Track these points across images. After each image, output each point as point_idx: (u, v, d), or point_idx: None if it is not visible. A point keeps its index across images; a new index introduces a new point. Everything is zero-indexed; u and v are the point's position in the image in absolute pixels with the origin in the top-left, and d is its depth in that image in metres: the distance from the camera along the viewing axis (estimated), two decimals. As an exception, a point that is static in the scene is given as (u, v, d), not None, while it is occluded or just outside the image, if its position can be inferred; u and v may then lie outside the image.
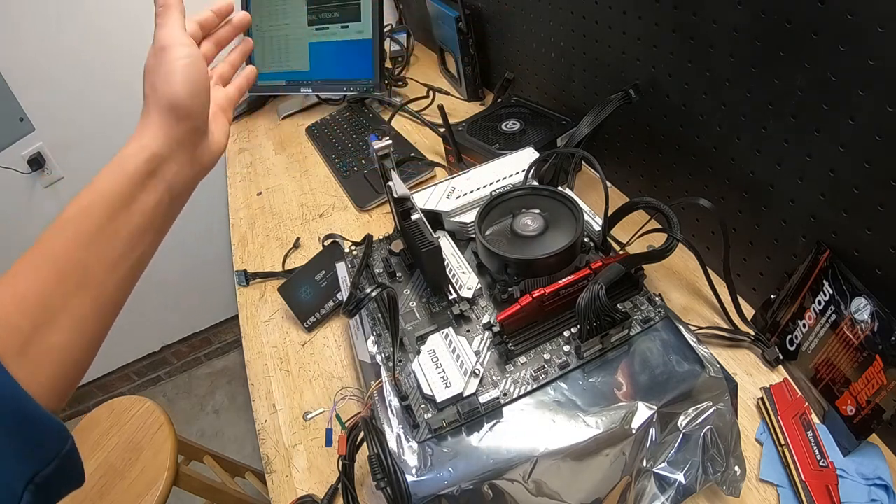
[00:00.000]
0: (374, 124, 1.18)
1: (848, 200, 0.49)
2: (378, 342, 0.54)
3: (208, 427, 1.81)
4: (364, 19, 1.21)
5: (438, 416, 0.45)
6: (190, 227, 1.66)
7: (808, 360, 0.56)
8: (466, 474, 0.42)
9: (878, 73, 0.42)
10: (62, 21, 1.25)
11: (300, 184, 1.11)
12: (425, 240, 0.51)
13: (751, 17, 0.51)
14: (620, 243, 0.61)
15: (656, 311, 0.50)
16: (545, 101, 0.98)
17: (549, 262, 0.50)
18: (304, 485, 0.60)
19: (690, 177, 0.69)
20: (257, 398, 0.71)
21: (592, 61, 0.80)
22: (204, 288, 1.79)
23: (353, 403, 0.65)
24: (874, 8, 0.40)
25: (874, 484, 0.49)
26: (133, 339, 1.81)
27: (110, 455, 1.03)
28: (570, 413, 0.45)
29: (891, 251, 0.47)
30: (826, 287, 0.53)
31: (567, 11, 0.81)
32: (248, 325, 0.82)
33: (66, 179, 1.42)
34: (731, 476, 0.46)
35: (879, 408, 0.47)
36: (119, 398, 1.13)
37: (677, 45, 0.62)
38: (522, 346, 0.49)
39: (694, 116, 0.64)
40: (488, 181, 0.64)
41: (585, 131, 0.70)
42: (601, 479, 0.44)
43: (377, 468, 0.42)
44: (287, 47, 1.34)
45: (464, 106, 1.21)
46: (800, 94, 0.49)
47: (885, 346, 0.46)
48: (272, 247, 0.96)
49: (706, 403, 0.45)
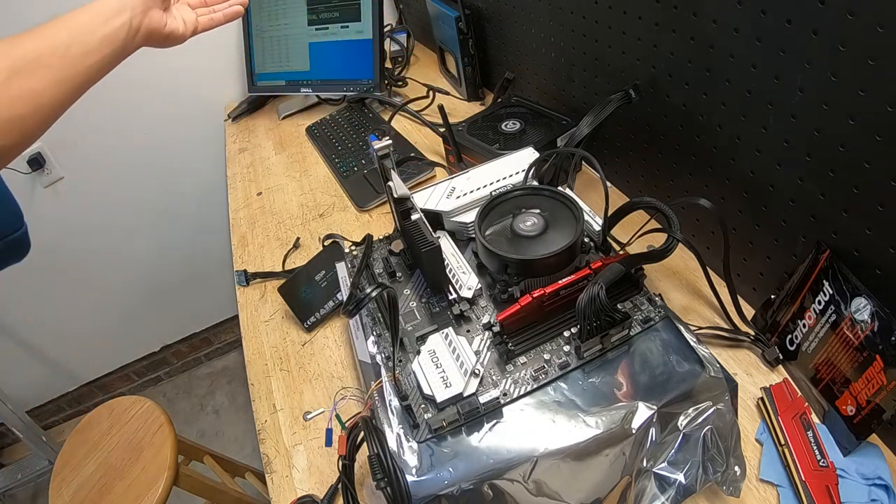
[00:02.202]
0: (374, 124, 1.18)
1: (848, 200, 0.49)
2: (378, 342, 0.54)
3: (208, 427, 1.81)
4: (364, 19, 1.21)
5: (438, 416, 0.45)
6: (190, 227, 1.66)
7: (808, 360, 0.56)
8: (466, 474, 0.42)
9: (878, 73, 0.42)
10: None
11: (300, 184, 1.11)
12: (425, 240, 0.51)
13: (751, 17, 0.51)
14: (620, 243, 0.61)
15: (656, 311, 0.50)
16: (545, 101, 0.98)
17: (549, 262, 0.50)
18: (304, 485, 0.60)
19: (690, 177, 0.69)
20: (257, 398, 0.71)
21: (592, 61, 0.80)
22: (204, 288, 1.79)
23: (353, 403, 0.65)
24: (874, 8, 0.40)
25: (874, 484, 0.49)
26: (133, 339, 1.81)
27: (110, 455, 1.03)
28: (570, 413, 0.45)
29: (891, 251, 0.47)
30: (826, 287, 0.53)
31: (567, 11, 0.81)
32: (248, 325, 0.82)
33: (66, 179, 1.42)
34: (731, 476, 0.46)
35: (879, 408, 0.47)
36: (119, 398, 1.13)
37: (677, 45, 0.62)
38: (522, 346, 0.49)
39: (694, 116, 0.64)
40: (488, 181, 0.64)
41: (585, 131, 0.70)
42: (601, 479, 0.44)
43: (377, 468, 0.42)
44: (287, 47, 1.34)
45: (464, 106, 1.21)
46: (800, 93, 0.49)
47: (885, 346, 0.46)
48: (272, 247, 0.96)
49: (706, 403, 0.45)
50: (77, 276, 1.59)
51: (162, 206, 1.59)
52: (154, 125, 1.46)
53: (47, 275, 1.54)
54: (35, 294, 1.57)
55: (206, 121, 1.49)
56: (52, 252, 1.51)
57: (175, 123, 1.48)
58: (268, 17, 1.34)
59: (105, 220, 1.53)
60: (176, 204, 1.60)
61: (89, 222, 1.52)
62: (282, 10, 1.32)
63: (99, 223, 1.53)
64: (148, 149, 1.48)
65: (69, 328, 1.67)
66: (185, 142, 1.51)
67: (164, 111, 1.44)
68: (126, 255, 1.62)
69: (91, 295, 1.64)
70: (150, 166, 1.51)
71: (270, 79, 1.37)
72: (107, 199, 1.51)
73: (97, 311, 1.68)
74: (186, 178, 1.57)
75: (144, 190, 1.54)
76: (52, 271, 1.54)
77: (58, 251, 1.52)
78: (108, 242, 1.58)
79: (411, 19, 1.51)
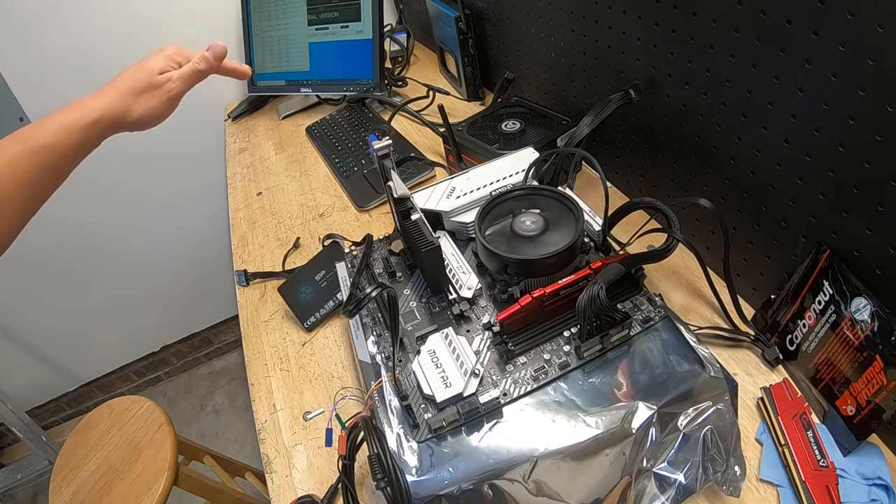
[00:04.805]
0: (374, 124, 1.18)
1: (848, 200, 0.49)
2: (378, 342, 0.54)
3: (208, 427, 1.81)
4: (364, 19, 1.21)
5: (438, 416, 0.45)
6: (190, 227, 1.66)
7: (808, 360, 0.56)
8: (466, 474, 0.42)
9: (878, 73, 0.42)
10: (63, 22, 1.25)
11: (300, 184, 1.11)
12: (425, 240, 0.51)
13: (751, 17, 0.51)
14: (620, 243, 0.61)
15: (656, 311, 0.50)
16: (545, 101, 0.98)
17: (549, 262, 0.50)
18: (304, 485, 0.60)
19: (690, 177, 0.69)
20: (257, 398, 0.71)
21: (592, 61, 0.80)
22: (204, 288, 1.79)
23: (353, 403, 0.65)
24: (874, 8, 0.40)
25: (874, 484, 0.49)
26: (133, 339, 1.81)
27: (110, 455, 1.03)
28: (570, 413, 0.45)
29: (891, 251, 0.47)
30: (826, 287, 0.53)
31: (567, 11, 0.81)
32: (248, 325, 0.82)
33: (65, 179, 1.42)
34: (731, 476, 0.46)
35: (879, 408, 0.47)
36: (119, 398, 1.13)
37: (677, 45, 0.62)
38: (522, 346, 0.49)
39: (694, 116, 0.64)
40: (488, 181, 0.64)
41: (585, 131, 0.70)
42: (601, 479, 0.44)
43: (377, 468, 0.42)
44: (287, 47, 1.34)
45: (464, 106, 1.21)
46: (800, 93, 0.49)
47: (885, 346, 0.46)
48: (272, 247, 0.96)
49: (706, 403, 0.45)
50: (77, 276, 1.59)
51: (162, 206, 1.59)
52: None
53: (47, 275, 1.54)
54: (35, 294, 1.57)
55: (206, 121, 1.49)
56: (52, 252, 1.51)
57: (175, 123, 1.46)
58: (268, 16, 1.34)
59: (105, 219, 1.53)
60: (176, 204, 1.60)
61: (89, 222, 1.52)
62: (282, 9, 1.32)
63: (98, 223, 1.53)
64: (148, 149, 1.47)
65: (69, 328, 1.67)
66: (184, 142, 1.51)
67: (164, 111, 1.44)
68: (126, 255, 1.62)
69: (91, 295, 1.64)
70: (150, 166, 1.51)
71: (270, 79, 1.37)
72: (107, 199, 1.51)
73: (97, 311, 1.68)
74: (186, 178, 1.57)
75: (144, 190, 1.54)
76: (52, 271, 1.55)
77: (58, 251, 1.52)
78: (108, 242, 1.58)
79: (411, 19, 1.51)
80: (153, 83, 0.58)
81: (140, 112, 0.57)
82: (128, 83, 0.57)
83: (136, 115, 0.57)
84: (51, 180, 0.54)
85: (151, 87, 0.58)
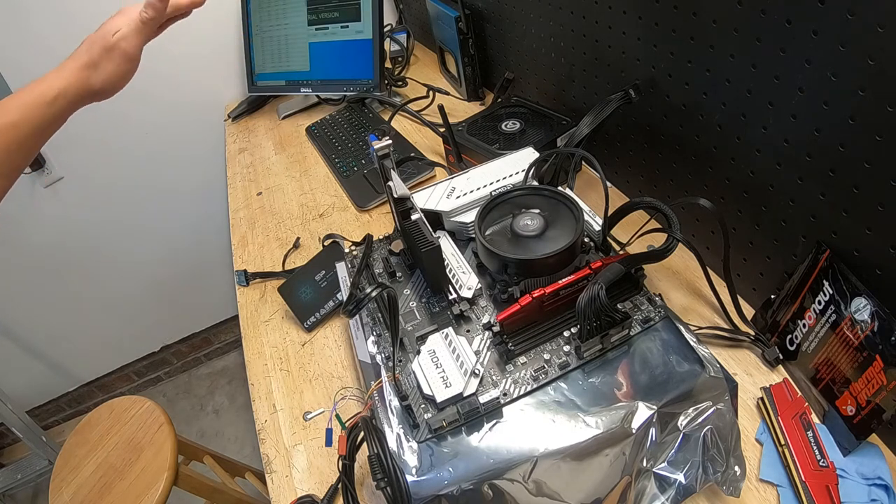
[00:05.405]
0: (374, 124, 1.18)
1: (848, 200, 0.49)
2: (378, 342, 0.54)
3: (208, 427, 1.81)
4: (364, 19, 1.21)
5: (438, 416, 0.45)
6: (190, 228, 1.66)
7: (808, 360, 0.56)
8: (466, 474, 0.42)
9: (878, 73, 0.42)
10: (63, 22, 1.25)
11: (300, 184, 1.11)
12: (425, 240, 0.51)
13: (751, 17, 0.51)
14: (620, 243, 0.61)
15: (656, 311, 0.50)
16: (545, 101, 0.98)
17: (549, 262, 0.50)
18: (304, 485, 0.60)
19: (690, 177, 0.69)
20: (257, 398, 0.71)
21: (592, 61, 0.80)
22: (204, 288, 1.79)
23: (353, 403, 0.65)
24: (874, 8, 0.40)
25: (874, 484, 0.49)
26: (133, 339, 1.81)
27: (110, 455, 1.03)
28: (570, 413, 0.45)
29: (891, 251, 0.47)
30: (826, 287, 0.53)
31: (567, 11, 0.81)
32: (248, 325, 0.82)
33: (66, 179, 1.42)
34: (731, 476, 0.46)
35: (879, 408, 0.47)
36: (119, 398, 1.13)
37: (677, 45, 0.62)
38: (522, 346, 0.49)
39: (694, 116, 0.64)
40: (488, 181, 0.64)
41: (585, 131, 0.70)
42: (601, 479, 0.44)
43: (377, 468, 0.42)
44: (287, 47, 1.34)
45: (464, 106, 1.21)
46: (800, 93, 0.49)
47: (885, 346, 0.46)
48: (272, 247, 0.96)
49: (706, 403, 0.45)
50: (77, 276, 1.59)
51: (162, 206, 1.59)
52: (154, 125, 1.46)
53: (47, 275, 1.54)
54: (35, 294, 1.57)
55: (205, 121, 1.49)
56: (52, 252, 1.51)
57: (175, 123, 1.48)
58: (268, 16, 1.34)
59: (105, 219, 1.54)
60: (176, 204, 1.60)
61: (89, 222, 1.52)
62: (282, 9, 1.32)
63: (99, 223, 1.53)
64: (148, 149, 1.48)
65: (69, 328, 1.68)
66: (184, 142, 1.51)
67: (164, 111, 1.45)
68: (126, 255, 1.62)
69: (91, 295, 1.64)
70: (150, 166, 1.51)
71: (270, 79, 1.37)
72: (106, 199, 1.51)
73: (97, 311, 1.68)
74: (186, 178, 1.57)
75: (144, 190, 1.54)
76: (52, 271, 1.55)
77: (58, 251, 1.52)
78: (108, 242, 1.58)
79: (411, 19, 1.51)
80: (108, 45, 0.59)
81: (101, 81, 0.59)
82: (85, 56, 0.58)
83: (98, 85, 0.59)
84: (17, 158, 0.54)
85: (107, 49, 0.59)
